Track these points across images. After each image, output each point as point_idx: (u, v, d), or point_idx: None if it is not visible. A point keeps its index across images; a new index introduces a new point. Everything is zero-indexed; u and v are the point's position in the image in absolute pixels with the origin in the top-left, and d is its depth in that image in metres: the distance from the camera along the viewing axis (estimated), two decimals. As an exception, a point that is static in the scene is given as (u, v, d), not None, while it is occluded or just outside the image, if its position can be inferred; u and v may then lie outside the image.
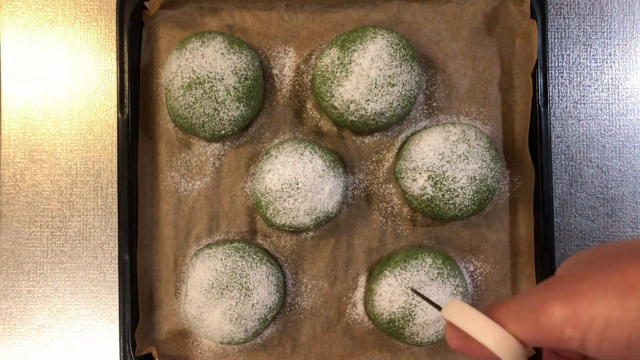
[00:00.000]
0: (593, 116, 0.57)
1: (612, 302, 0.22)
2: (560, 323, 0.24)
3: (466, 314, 0.26)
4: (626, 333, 0.22)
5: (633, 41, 0.58)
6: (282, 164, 0.49)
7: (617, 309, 0.22)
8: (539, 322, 0.24)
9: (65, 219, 0.57)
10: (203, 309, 0.49)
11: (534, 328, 0.24)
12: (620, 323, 0.22)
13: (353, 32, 0.50)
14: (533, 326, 0.24)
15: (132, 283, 0.52)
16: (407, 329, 0.49)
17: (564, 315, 0.23)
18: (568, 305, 0.23)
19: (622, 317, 0.22)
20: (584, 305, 0.23)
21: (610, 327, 0.22)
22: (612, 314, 0.22)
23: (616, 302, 0.22)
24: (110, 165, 0.57)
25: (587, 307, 0.23)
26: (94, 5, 0.57)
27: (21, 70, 0.57)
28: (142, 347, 0.52)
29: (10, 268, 0.57)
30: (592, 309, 0.23)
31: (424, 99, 0.54)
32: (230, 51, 0.50)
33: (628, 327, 0.22)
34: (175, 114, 0.51)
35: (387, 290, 0.49)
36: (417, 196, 0.50)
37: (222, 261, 0.50)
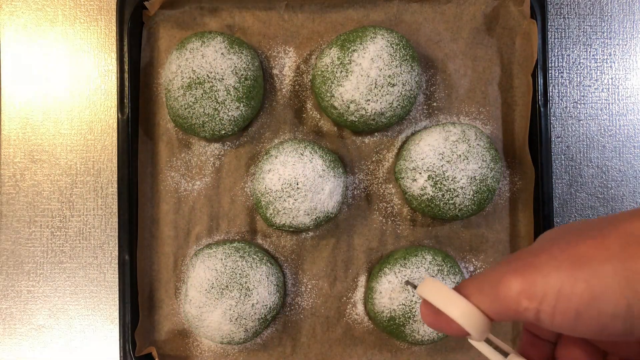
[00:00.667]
0: (593, 116, 0.57)
1: (563, 275, 0.23)
2: (516, 295, 0.24)
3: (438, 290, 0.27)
4: (574, 304, 0.23)
5: (633, 41, 0.58)
6: (282, 164, 0.49)
7: (567, 281, 0.23)
8: (498, 295, 0.25)
9: (65, 219, 0.57)
10: (203, 309, 0.49)
11: (495, 301, 0.25)
12: (569, 294, 0.23)
13: (353, 32, 0.50)
14: (493, 299, 0.25)
15: (132, 283, 0.52)
16: (408, 327, 0.49)
17: (519, 288, 0.24)
18: (524, 278, 0.24)
19: (571, 288, 0.23)
20: (537, 277, 0.24)
21: (561, 299, 0.23)
22: (563, 286, 0.23)
23: (567, 275, 0.23)
24: (110, 165, 0.57)
25: (541, 279, 0.24)
26: (94, 5, 0.57)
27: (21, 70, 0.57)
28: (142, 347, 0.52)
29: (10, 268, 0.57)
30: (545, 281, 0.24)
31: (424, 99, 0.54)
32: (230, 51, 0.50)
33: (576, 298, 0.23)
34: (175, 114, 0.51)
35: (387, 288, 0.49)
36: (417, 196, 0.50)
37: (222, 261, 0.50)
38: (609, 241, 0.23)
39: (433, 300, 0.27)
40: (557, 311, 0.23)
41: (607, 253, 0.23)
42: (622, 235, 0.23)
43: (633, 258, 0.22)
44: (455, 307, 0.26)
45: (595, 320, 0.23)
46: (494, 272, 0.26)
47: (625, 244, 0.22)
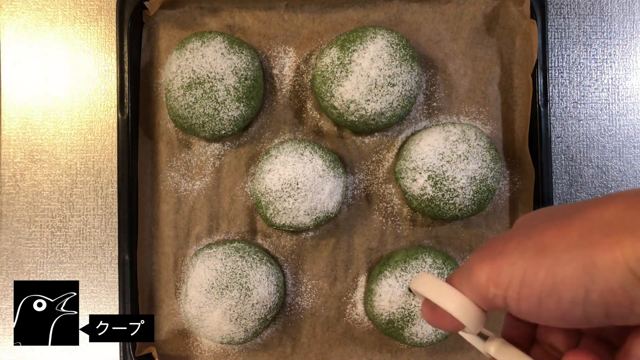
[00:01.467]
0: (593, 116, 0.57)
1: (527, 262, 0.24)
2: (485, 283, 0.25)
3: (431, 284, 0.27)
4: (537, 291, 0.23)
5: (633, 41, 0.58)
6: (282, 164, 0.49)
7: (530, 268, 0.23)
8: (471, 283, 0.25)
9: (65, 219, 0.57)
10: (203, 309, 0.49)
11: (469, 289, 0.26)
12: (532, 281, 0.23)
13: (353, 32, 0.50)
14: (469, 288, 0.26)
15: (132, 283, 0.52)
16: (407, 330, 0.49)
17: (487, 275, 0.25)
18: (491, 266, 0.25)
19: (533, 275, 0.23)
20: (504, 265, 0.24)
21: (524, 286, 0.23)
22: (526, 273, 0.23)
23: (530, 262, 0.23)
24: (110, 165, 0.57)
25: (507, 267, 0.24)
26: (94, 5, 0.57)
27: (21, 70, 0.57)
28: (142, 347, 0.52)
29: (10, 268, 0.57)
30: (510, 268, 0.24)
31: (424, 99, 0.54)
32: (230, 51, 0.50)
33: (538, 285, 0.23)
34: (175, 114, 0.51)
35: (387, 291, 0.49)
36: (417, 196, 0.50)
37: (222, 261, 0.50)
38: (570, 229, 0.23)
39: (427, 294, 0.27)
40: (522, 298, 0.24)
41: (568, 241, 0.23)
42: (583, 224, 0.23)
43: (592, 246, 0.22)
44: (450, 301, 0.26)
45: (556, 307, 0.23)
46: (469, 260, 0.26)
47: (586, 232, 0.23)
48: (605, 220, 0.22)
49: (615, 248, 0.21)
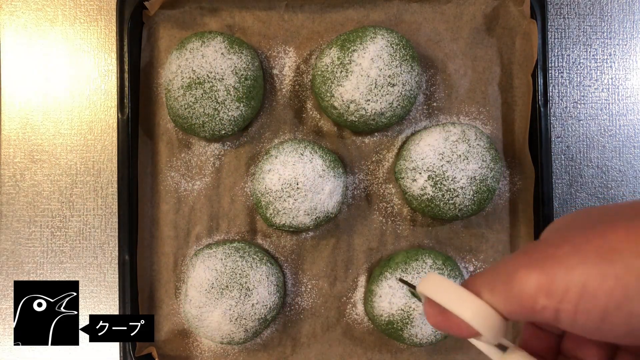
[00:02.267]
0: (593, 116, 0.57)
1: (590, 269, 0.20)
2: (533, 292, 0.22)
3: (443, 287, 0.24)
4: (602, 303, 0.20)
5: (633, 41, 0.58)
6: (282, 164, 0.49)
7: (594, 276, 0.20)
8: (512, 292, 0.22)
9: (65, 219, 0.57)
10: (203, 309, 0.49)
11: (508, 298, 0.22)
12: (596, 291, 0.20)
13: (353, 32, 0.50)
14: (506, 296, 0.22)
15: (132, 283, 0.52)
16: (406, 331, 0.49)
17: (537, 284, 0.21)
18: (542, 273, 0.21)
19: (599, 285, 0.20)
20: (559, 272, 0.21)
21: (585, 296, 0.20)
22: (589, 282, 0.20)
23: (594, 269, 0.20)
24: (110, 165, 0.57)
25: (563, 274, 0.21)
26: (94, 5, 0.57)
27: (21, 70, 0.57)
28: (142, 347, 0.52)
29: (10, 268, 0.57)
30: (568, 276, 0.21)
31: (424, 99, 0.54)
32: (230, 51, 0.50)
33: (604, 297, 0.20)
34: (175, 114, 0.51)
35: (387, 292, 0.49)
36: (417, 196, 0.50)
37: (222, 261, 0.50)
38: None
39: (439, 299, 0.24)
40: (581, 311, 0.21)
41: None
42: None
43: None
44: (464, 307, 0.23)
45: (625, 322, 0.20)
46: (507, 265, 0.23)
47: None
48: None
49: None
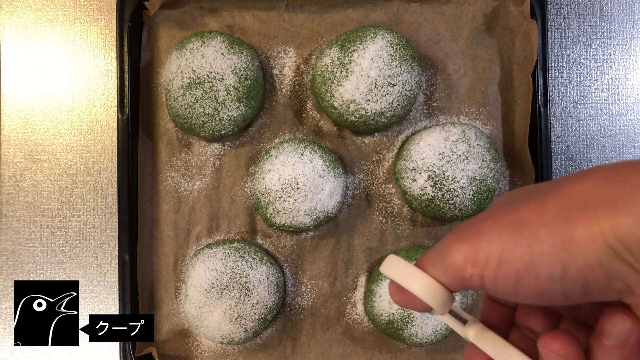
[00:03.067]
0: (593, 116, 0.57)
1: (505, 239, 0.23)
2: (462, 263, 0.24)
3: (399, 267, 0.27)
4: (515, 268, 0.23)
5: (633, 41, 0.58)
6: (282, 164, 0.49)
7: (508, 245, 0.23)
8: (446, 264, 0.25)
9: (65, 219, 0.57)
10: (203, 309, 0.49)
11: (445, 270, 0.25)
12: (510, 258, 0.23)
13: (353, 32, 0.50)
14: (444, 269, 0.25)
15: (132, 283, 0.52)
16: (406, 330, 0.49)
17: (465, 255, 0.24)
18: (468, 245, 0.24)
19: (512, 253, 0.23)
20: (481, 244, 0.24)
21: (502, 263, 0.23)
22: (504, 251, 0.23)
23: (508, 239, 0.23)
24: (110, 165, 0.57)
25: (485, 245, 0.24)
26: (94, 5, 0.57)
27: (21, 70, 0.57)
28: (142, 347, 0.52)
29: (10, 268, 0.57)
30: (488, 247, 0.24)
31: (424, 99, 0.54)
32: (230, 51, 0.50)
33: (516, 262, 0.23)
34: (175, 114, 0.51)
35: (387, 292, 0.49)
36: (417, 196, 0.50)
37: (222, 261, 0.50)
38: (547, 205, 0.23)
39: (395, 277, 0.27)
40: (499, 276, 0.23)
41: (545, 217, 0.23)
42: (560, 199, 0.23)
43: (569, 221, 0.22)
44: (415, 282, 0.26)
45: (534, 284, 0.23)
46: (444, 242, 0.26)
47: (563, 207, 0.22)
48: (583, 195, 0.22)
49: (592, 223, 0.21)
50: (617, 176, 0.22)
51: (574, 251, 0.21)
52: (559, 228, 0.22)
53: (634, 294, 0.22)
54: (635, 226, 0.20)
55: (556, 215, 0.22)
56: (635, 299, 0.22)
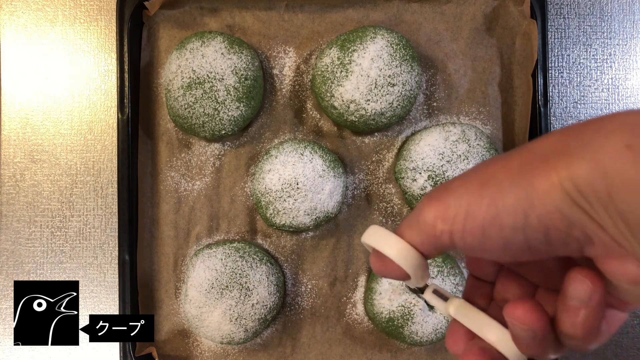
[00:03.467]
0: (593, 116, 0.57)
1: (472, 194, 0.24)
2: (432, 220, 0.25)
3: (378, 234, 0.28)
4: (480, 220, 0.23)
5: (633, 41, 0.58)
6: (282, 164, 0.49)
7: (474, 199, 0.24)
8: (419, 224, 0.26)
9: (65, 219, 0.57)
10: (203, 309, 0.49)
11: (417, 231, 0.26)
12: (475, 211, 0.24)
13: (353, 32, 0.50)
14: (418, 229, 0.26)
15: (132, 283, 0.52)
16: (407, 328, 0.49)
17: (435, 212, 0.25)
18: (439, 203, 0.25)
19: (477, 205, 0.24)
20: (450, 200, 0.25)
21: (469, 216, 0.24)
22: (471, 204, 0.24)
23: (475, 193, 0.24)
24: (110, 165, 0.57)
25: (453, 201, 0.25)
26: (94, 5, 0.57)
27: (21, 70, 0.57)
28: (142, 347, 0.52)
29: (10, 268, 0.57)
30: (456, 202, 0.24)
31: (424, 99, 0.54)
32: (230, 51, 0.50)
33: (482, 214, 0.23)
34: (175, 114, 0.51)
35: (387, 289, 0.49)
36: (417, 196, 0.50)
37: (222, 261, 0.50)
38: (512, 160, 0.24)
39: (372, 242, 0.28)
40: (467, 230, 0.24)
41: (509, 171, 0.23)
42: (524, 154, 0.24)
43: (531, 172, 0.22)
44: (391, 247, 0.27)
45: (499, 235, 0.23)
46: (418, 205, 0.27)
47: (526, 161, 0.23)
48: (544, 149, 0.23)
49: (551, 172, 0.22)
50: (575, 130, 0.22)
51: (535, 200, 0.22)
52: (521, 179, 0.23)
53: (593, 244, 0.22)
54: (589, 172, 0.21)
55: (519, 168, 0.23)
56: (595, 250, 0.23)
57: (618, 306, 0.25)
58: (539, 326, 0.24)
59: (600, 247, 0.22)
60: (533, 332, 0.24)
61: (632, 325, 0.57)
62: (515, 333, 0.25)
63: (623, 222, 0.21)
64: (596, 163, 0.20)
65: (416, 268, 0.27)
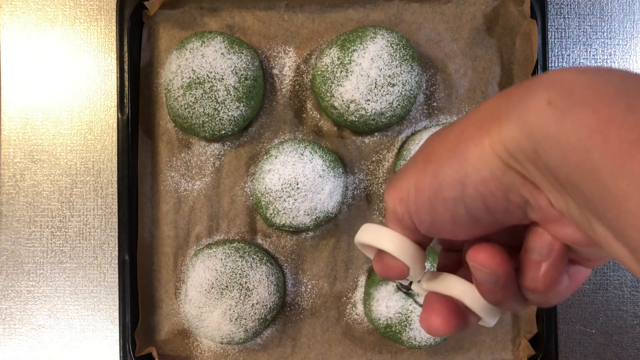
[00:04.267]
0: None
1: (418, 171, 0.25)
2: (393, 205, 0.26)
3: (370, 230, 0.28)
4: (426, 195, 0.24)
5: (633, 41, 0.58)
6: (282, 164, 0.49)
7: (420, 176, 0.24)
8: (387, 213, 0.27)
9: (65, 219, 0.57)
10: (203, 309, 0.49)
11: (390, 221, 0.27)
12: (422, 186, 0.24)
13: (353, 32, 0.50)
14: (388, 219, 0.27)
15: (132, 283, 0.52)
16: (404, 334, 0.49)
17: (392, 197, 0.26)
18: (393, 187, 0.26)
19: (422, 181, 0.24)
20: (402, 182, 0.25)
21: (417, 193, 0.24)
22: (418, 181, 0.24)
23: (420, 170, 0.24)
24: (110, 165, 0.57)
25: (404, 182, 0.25)
26: (94, 5, 0.57)
27: (21, 70, 0.57)
28: (142, 347, 0.52)
29: (10, 268, 0.57)
30: (406, 182, 0.25)
31: (424, 99, 0.54)
32: (230, 51, 0.50)
33: (427, 189, 0.24)
34: (175, 114, 0.51)
35: (384, 296, 0.50)
36: (417, 196, 0.50)
37: (222, 261, 0.50)
38: (450, 132, 0.24)
39: (369, 240, 0.28)
40: (418, 207, 0.25)
41: (448, 143, 0.24)
42: (462, 124, 0.24)
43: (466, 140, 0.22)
44: (384, 239, 0.27)
45: (443, 209, 0.24)
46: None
47: (462, 131, 0.23)
48: (479, 116, 0.23)
49: (483, 138, 0.22)
50: (507, 93, 0.22)
51: (469, 169, 0.22)
52: (456, 150, 0.23)
53: (533, 208, 0.22)
54: (516, 133, 0.20)
55: (456, 139, 0.23)
56: (536, 213, 0.22)
57: (581, 262, 0.25)
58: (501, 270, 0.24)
59: (539, 211, 0.22)
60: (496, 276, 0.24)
61: (632, 326, 0.57)
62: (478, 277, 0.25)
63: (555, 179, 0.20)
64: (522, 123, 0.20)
65: (414, 258, 0.27)
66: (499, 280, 0.24)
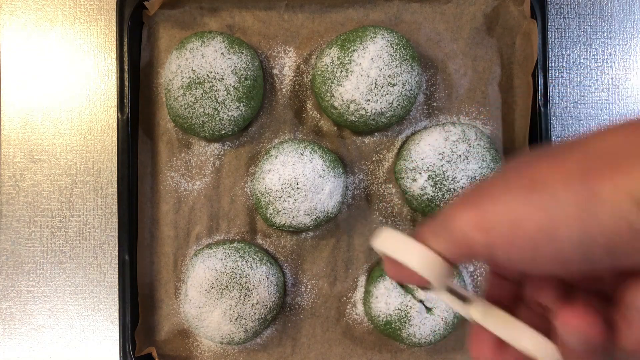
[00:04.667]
0: (593, 116, 0.57)
1: (517, 201, 0.21)
2: (467, 229, 0.22)
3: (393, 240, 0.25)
4: (531, 232, 0.20)
5: (633, 41, 0.58)
6: (282, 164, 0.49)
7: (521, 207, 0.20)
8: (450, 232, 0.23)
9: (65, 219, 0.57)
10: (203, 309, 0.49)
11: (447, 240, 0.23)
12: (524, 222, 0.20)
13: (353, 32, 0.50)
14: (446, 238, 0.23)
15: (132, 283, 0.52)
16: (404, 331, 0.49)
17: (471, 220, 0.22)
18: (475, 209, 0.22)
19: (526, 215, 0.20)
20: (490, 206, 0.21)
21: (515, 228, 0.20)
22: (517, 213, 0.20)
23: (521, 200, 0.20)
24: (110, 165, 0.57)
25: (494, 207, 0.21)
26: (94, 5, 0.57)
27: (21, 70, 0.57)
28: (142, 347, 0.52)
29: (10, 268, 0.57)
30: (498, 209, 0.21)
31: (424, 99, 0.54)
32: (230, 51, 0.50)
33: (533, 226, 0.20)
34: (175, 113, 0.51)
35: (383, 293, 0.49)
36: (417, 196, 0.50)
37: (222, 261, 0.50)
38: (568, 160, 0.20)
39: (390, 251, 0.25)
40: (512, 243, 0.21)
41: (565, 173, 0.20)
42: (583, 153, 0.20)
43: (592, 176, 0.19)
44: (412, 255, 0.24)
45: (554, 250, 0.20)
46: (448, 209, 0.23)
47: (586, 162, 0.20)
48: (609, 148, 0.20)
49: (617, 177, 0.19)
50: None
51: (598, 209, 0.19)
52: (580, 185, 0.19)
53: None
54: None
55: (577, 171, 0.20)
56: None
57: None
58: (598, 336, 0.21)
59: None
60: (591, 344, 0.21)
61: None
62: (568, 343, 0.22)
63: None
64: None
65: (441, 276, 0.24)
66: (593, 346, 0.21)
